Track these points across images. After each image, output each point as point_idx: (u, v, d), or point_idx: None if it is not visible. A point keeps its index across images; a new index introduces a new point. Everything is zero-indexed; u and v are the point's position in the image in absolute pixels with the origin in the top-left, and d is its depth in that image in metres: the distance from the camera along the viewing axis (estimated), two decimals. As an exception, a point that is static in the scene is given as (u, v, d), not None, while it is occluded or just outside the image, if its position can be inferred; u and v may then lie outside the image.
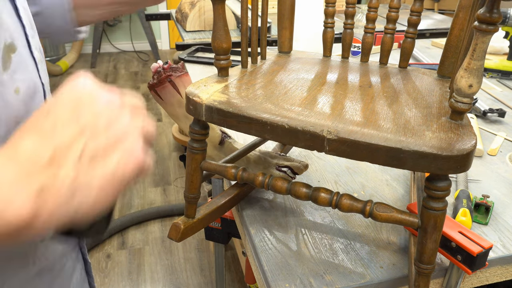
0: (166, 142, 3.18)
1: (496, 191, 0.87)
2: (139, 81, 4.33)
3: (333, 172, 0.94)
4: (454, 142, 0.51)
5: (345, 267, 0.69)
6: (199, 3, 1.98)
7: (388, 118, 0.57)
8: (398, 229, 0.77)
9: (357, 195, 0.86)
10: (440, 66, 0.74)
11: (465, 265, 0.64)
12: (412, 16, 0.76)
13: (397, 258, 0.71)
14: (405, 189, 0.89)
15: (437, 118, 0.58)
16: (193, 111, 0.62)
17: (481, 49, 0.49)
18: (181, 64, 0.82)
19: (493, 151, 1.01)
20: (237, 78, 0.69)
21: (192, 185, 0.70)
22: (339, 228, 0.77)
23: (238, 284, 2.03)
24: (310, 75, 0.72)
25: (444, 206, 0.54)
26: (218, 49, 0.65)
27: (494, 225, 0.78)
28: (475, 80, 0.50)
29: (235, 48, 1.61)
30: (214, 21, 0.64)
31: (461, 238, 0.64)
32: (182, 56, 1.58)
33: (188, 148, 0.67)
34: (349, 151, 0.53)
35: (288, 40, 0.84)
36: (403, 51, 0.78)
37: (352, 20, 0.81)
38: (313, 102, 0.61)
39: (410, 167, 0.52)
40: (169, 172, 2.81)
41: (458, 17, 0.69)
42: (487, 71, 1.48)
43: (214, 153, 0.85)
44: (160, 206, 2.46)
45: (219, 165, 0.67)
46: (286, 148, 0.97)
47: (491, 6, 0.47)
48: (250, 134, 0.59)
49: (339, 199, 0.58)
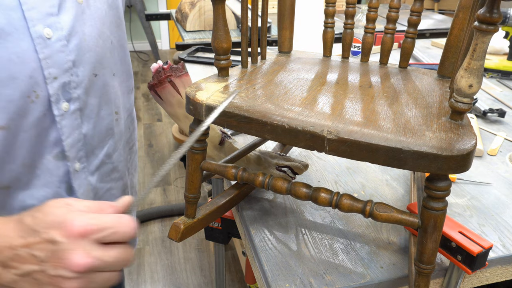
0: (166, 142, 3.18)
1: (496, 191, 0.87)
2: (139, 81, 4.33)
3: (333, 172, 0.94)
4: (454, 142, 0.51)
5: (345, 267, 0.69)
6: (199, 3, 1.98)
7: (388, 118, 0.57)
8: (398, 229, 0.77)
9: (357, 195, 0.86)
10: (440, 66, 0.74)
11: (465, 265, 0.64)
12: (412, 16, 0.76)
13: (397, 258, 0.71)
14: (405, 189, 0.89)
15: (437, 118, 0.58)
16: (193, 111, 0.62)
17: (481, 49, 0.49)
18: (181, 64, 0.82)
19: (493, 151, 1.01)
20: (237, 78, 0.69)
21: (192, 185, 0.70)
22: (339, 228, 0.77)
23: (238, 284, 2.03)
24: (310, 75, 0.72)
25: (444, 206, 0.54)
26: (218, 49, 0.65)
27: (494, 225, 0.78)
28: (475, 80, 0.50)
29: (235, 48, 1.61)
30: (214, 21, 0.64)
31: (461, 238, 0.64)
32: (182, 56, 1.58)
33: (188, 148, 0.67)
34: (349, 151, 0.53)
35: (288, 40, 0.84)
36: (403, 51, 0.78)
37: (352, 20, 0.81)
38: (313, 102, 0.61)
39: (410, 167, 0.52)
40: (169, 172, 2.81)
41: (458, 17, 0.69)
42: (487, 71, 1.48)
43: (214, 153, 0.85)
44: (160, 206, 2.46)
45: (219, 165, 0.67)
46: (286, 148, 0.97)
47: (491, 6, 0.47)
48: (250, 134, 0.59)
49: (339, 199, 0.58)
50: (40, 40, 0.57)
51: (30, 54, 0.57)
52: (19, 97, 0.57)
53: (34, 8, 0.56)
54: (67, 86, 0.62)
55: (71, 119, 0.65)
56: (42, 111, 0.60)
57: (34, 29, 0.56)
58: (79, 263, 0.44)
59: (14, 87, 0.56)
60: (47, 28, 0.58)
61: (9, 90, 0.56)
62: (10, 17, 0.54)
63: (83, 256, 0.44)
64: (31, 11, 0.56)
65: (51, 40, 0.58)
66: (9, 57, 0.55)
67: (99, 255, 0.45)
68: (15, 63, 0.55)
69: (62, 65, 0.60)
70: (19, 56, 0.55)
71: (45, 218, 0.46)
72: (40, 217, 0.46)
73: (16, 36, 0.55)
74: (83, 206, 0.48)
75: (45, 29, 0.57)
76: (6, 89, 0.56)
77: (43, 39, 0.57)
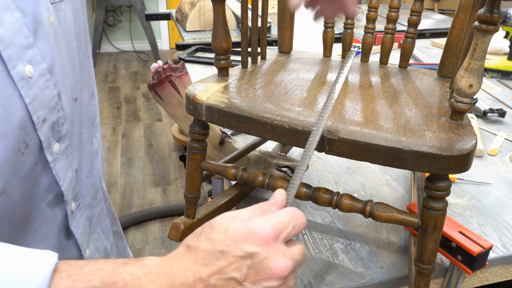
0: (166, 142, 3.18)
1: (496, 191, 0.87)
2: (139, 81, 4.33)
3: (333, 172, 0.94)
4: (454, 142, 0.51)
5: (345, 267, 0.69)
6: (199, 3, 1.98)
7: (388, 118, 0.57)
8: (398, 229, 0.77)
9: (357, 195, 0.85)
10: (440, 66, 0.74)
11: (465, 265, 0.63)
12: (412, 16, 0.76)
13: (397, 258, 0.71)
14: (405, 189, 0.89)
15: (437, 118, 0.57)
16: (193, 111, 0.62)
17: (482, 49, 0.49)
18: (181, 64, 0.82)
19: (493, 151, 1.01)
20: (237, 78, 0.69)
21: (192, 185, 0.69)
22: (339, 228, 0.77)
23: (238, 284, 2.02)
24: (310, 75, 0.72)
25: (444, 206, 0.54)
26: (218, 49, 0.65)
27: (494, 225, 0.78)
28: (475, 80, 0.50)
29: (235, 48, 1.61)
30: (214, 21, 0.64)
31: (461, 238, 0.64)
32: (182, 56, 1.58)
33: (188, 148, 0.67)
34: (349, 151, 0.53)
35: (288, 40, 0.84)
36: (403, 51, 0.78)
37: (352, 20, 0.81)
38: (313, 102, 0.61)
39: (410, 167, 0.52)
40: (169, 172, 2.81)
41: (458, 17, 0.69)
42: (488, 71, 1.48)
43: (214, 153, 0.85)
44: (160, 206, 2.46)
45: (219, 165, 0.67)
46: (286, 148, 0.97)
47: (491, 6, 0.47)
48: (250, 134, 0.59)
49: (339, 199, 0.58)
50: (24, 82, 0.49)
51: (16, 102, 0.48)
52: (10, 154, 0.49)
53: (11, 45, 0.47)
54: (56, 124, 0.55)
55: (63, 159, 0.58)
56: (34, 160, 0.53)
57: (15, 71, 0.48)
58: (283, 267, 0.40)
59: (3, 146, 0.48)
60: (27, 65, 0.50)
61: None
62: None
63: (284, 259, 0.40)
64: (7, 49, 0.47)
65: (33, 78, 0.50)
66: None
67: (291, 254, 0.41)
68: (1, 118, 0.47)
69: (48, 103, 0.53)
70: (4, 108, 0.47)
71: (226, 235, 0.40)
72: (219, 237, 0.40)
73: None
74: (248, 213, 0.43)
75: (25, 67, 0.49)
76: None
77: (26, 79, 0.49)
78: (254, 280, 0.40)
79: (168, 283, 0.38)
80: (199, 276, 0.39)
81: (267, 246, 0.40)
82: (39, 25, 0.51)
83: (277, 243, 0.40)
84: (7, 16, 0.47)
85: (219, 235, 0.40)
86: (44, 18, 0.52)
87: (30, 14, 0.50)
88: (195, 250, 0.41)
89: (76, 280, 0.34)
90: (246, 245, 0.39)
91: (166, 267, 0.40)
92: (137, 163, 2.87)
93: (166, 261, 0.40)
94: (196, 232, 0.43)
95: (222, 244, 0.40)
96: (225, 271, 0.39)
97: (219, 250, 0.40)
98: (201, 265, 0.39)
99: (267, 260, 0.39)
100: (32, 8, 0.50)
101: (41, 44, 0.52)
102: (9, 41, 0.47)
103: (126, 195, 2.57)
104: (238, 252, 0.39)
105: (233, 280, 0.39)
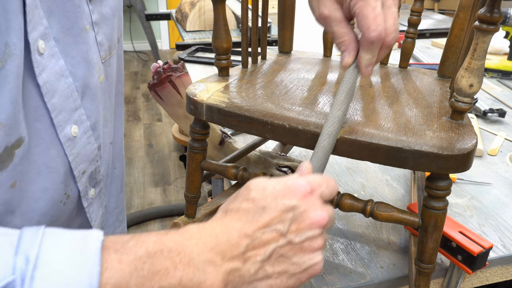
0: (166, 142, 3.18)
1: (496, 191, 0.87)
2: (139, 81, 4.33)
3: (333, 172, 0.94)
4: (455, 142, 0.51)
5: (345, 267, 0.69)
6: (199, 3, 1.98)
7: (388, 117, 0.57)
8: (398, 229, 0.77)
9: (357, 195, 0.85)
10: (441, 66, 0.74)
11: (466, 265, 0.64)
12: (412, 16, 0.76)
13: (397, 258, 0.71)
14: (405, 189, 0.89)
15: (438, 118, 0.58)
16: (194, 111, 0.62)
17: (482, 49, 0.49)
18: (181, 64, 0.82)
19: (493, 151, 1.01)
20: (238, 78, 0.69)
21: (192, 185, 0.69)
22: (339, 228, 0.77)
23: (238, 284, 2.02)
24: (311, 75, 0.72)
25: (444, 205, 0.54)
26: (219, 49, 0.65)
27: (494, 225, 0.78)
28: (475, 80, 0.50)
29: (236, 48, 1.61)
30: (215, 21, 0.64)
31: (462, 238, 0.64)
32: (182, 56, 1.58)
33: (188, 148, 0.67)
34: (349, 150, 0.53)
35: (288, 40, 0.84)
36: (403, 51, 0.78)
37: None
38: (313, 101, 0.61)
39: (410, 167, 0.52)
40: (169, 172, 2.81)
41: (458, 17, 0.69)
42: (488, 71, 1.48)
43: (214, 153, 0.85)
44: (160, 206, 2.46)
45: (219, 165, 0.67)
46: (287, 148, 0.97)
47: (491, 6, 0.47)
48: (251, 133, 0.59)
49: (340, 199, 0.58)
50: (69, 143, 0.51)
51: (60, 160, 0.50)
52: (52, 206, 0.51)
53: (62, 111, 0.49)
54: (93, 173, 0.57)
55: (97, 201, 0.60)
56: (73, 208, 0.55)
57: (63, 134, 0.50)
58: (322, 217, 0.42)
59: (46, 198, 0.50)
60: (73, 125, 0.51)
61: (41, 203, 0.49)
62: (35, 128, 0.47)
63: (321, 210, 0.43)
64: (59, 116, 0.49)
65: (77, 137, 0.52)
66: (38, 169, 0.48)
67: (326, 208, 0.44)
68: (44, 175, 0.49)
69: (89, 156, 0.55)
70: (48, 166, 0.49)
71: (265, 193, 0.42)
72: (258, 195, 0.42)
73: (44, 146, 0.48)
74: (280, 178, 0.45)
75: (72, 127, 0.51)
76: (38, 203, 0.49)
77: (71, 140, 0.51)
78: (297, 231, 0.42)
79: (212, 243, 0.39)
80: (244, 233, 0.40)
81: (305, 199, 0.42)
82: (88, 87, 0.53)
83: (313, 197, 0.43)
84: (61, 83, 0.48)
85: (258, 194, 0.42)
86: (94, 80, 0.53)
87: (81, 79, 0.51)
88: (236, 211, 0.42)
89: (124, 253, 0.36)
90: (286, 199, 0.42)
91: (208, 230, 0.41)
92: (137, 163, 2.87)
93: (207, 225, 0.42)
94: (231, 198, 0.45)
95: (263, 201, 0.42)
96: (270, 225, 0.41)
97: (261, 206, 0.42)
98: (245, 222, 0.41)
99: (306, 212, 0.42)
100: (84, 73, 0.51)
101: (88, 104, 0.53)
102: (60, 108, 0.49)
103: (126, 195, 2.57)
104: (280, 206, 0.41)
105: (278, 232, 0.41)
